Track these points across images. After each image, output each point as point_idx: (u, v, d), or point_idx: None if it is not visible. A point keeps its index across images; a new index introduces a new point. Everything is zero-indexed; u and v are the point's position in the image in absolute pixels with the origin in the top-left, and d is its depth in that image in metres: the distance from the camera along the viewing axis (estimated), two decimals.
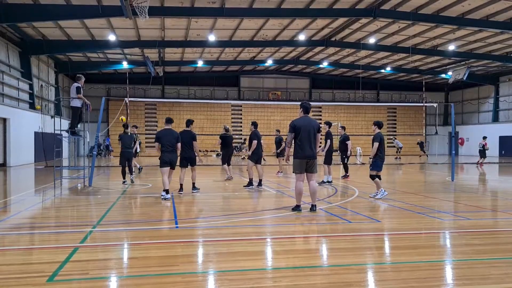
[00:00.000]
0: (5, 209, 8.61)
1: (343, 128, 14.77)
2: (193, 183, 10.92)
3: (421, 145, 32.15)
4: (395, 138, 33.94)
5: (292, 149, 8.12)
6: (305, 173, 7.99)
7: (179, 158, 10.41)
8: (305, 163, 7.88)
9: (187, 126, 10.96)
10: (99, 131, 13.09)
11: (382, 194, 9.70)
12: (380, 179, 9.91)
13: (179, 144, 9.99)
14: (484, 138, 25.04)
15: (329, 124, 13.19)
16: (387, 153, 11.74)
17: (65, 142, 26.00)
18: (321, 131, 8.24)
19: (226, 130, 14.24)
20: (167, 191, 9.52)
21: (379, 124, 10.06)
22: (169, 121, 10.23)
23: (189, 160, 10.72)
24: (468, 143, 40.99)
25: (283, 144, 14.61)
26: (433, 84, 43.39)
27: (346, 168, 14.78)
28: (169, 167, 9.79)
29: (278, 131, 17.88)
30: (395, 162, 26.85)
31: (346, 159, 14.55)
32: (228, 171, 14.08)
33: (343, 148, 14.38)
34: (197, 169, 11.22)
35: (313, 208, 7.92)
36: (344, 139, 14.35)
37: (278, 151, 17.37)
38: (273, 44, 28.65)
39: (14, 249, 5.42)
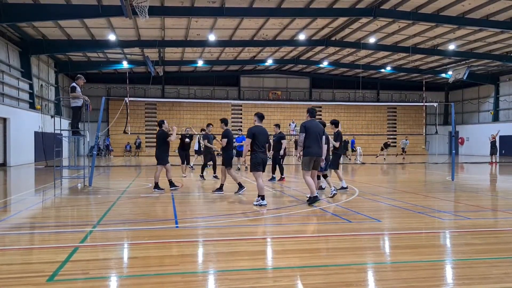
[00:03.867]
0: (5, 209, 8.61)
1: (278, 126, 14.20)
2: (156, 183, 11.17)
3: (385, 145, 30.28)
4: (406, 139, 32.46)
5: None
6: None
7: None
8: (313, 161, 8.72)
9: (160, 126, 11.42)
10: (99, 131, 13.08)
11: (332, 192, 9.91)
12: (326, 177, 10.41)
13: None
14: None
15: (335, 123, 11.52)
16: (389, 152, 11.72)
17: (65, 142, 25.99)
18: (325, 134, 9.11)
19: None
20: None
21: (335, 123, 10.99)
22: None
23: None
24: (468, 143, 40.99)
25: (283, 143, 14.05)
26: (433, 84, 43.39)
27: (275, 170, 14.21)
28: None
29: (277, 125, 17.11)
30: (395, 162, 26.83)
31: (281, 159, 14.07)
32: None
33: (278, 148, 13.79)
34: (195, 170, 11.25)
35: (316, 199, 8.61)
36: (280, 138, 13.84)
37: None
38: (273, 43, 28.65)
39: (14, 248, 5.42)
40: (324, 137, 9.17)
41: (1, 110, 21.57)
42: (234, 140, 17.13)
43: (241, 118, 40.05)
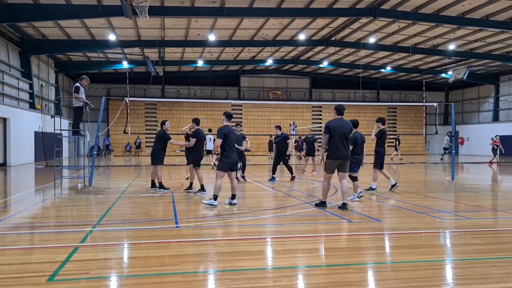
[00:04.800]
0: (5, 209, 8.61)
1: (278, 127, 14.32)
2: (159, 182, 11.15)
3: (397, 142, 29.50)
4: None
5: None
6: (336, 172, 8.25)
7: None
8: (337, 164, 8.09)
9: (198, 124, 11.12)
10: (99, 131, 13.08)
11: (352, 199, 9.22)
12: (354, 180, 9.55)
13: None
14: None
15: (381, 120, 11.05)
16: (389, 152, 11.53)
17: (65, 142, 25.99)
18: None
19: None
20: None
21: (353, 124, 9.68)
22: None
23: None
24: (468, 143, 40.99)
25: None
26: (433, 84, 43.40)
27: (274, 170, 14.29)
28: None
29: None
30: (394, 162, 26.83)
31: (288, 159, 14.16)
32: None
33: (284, 148, 13.91)
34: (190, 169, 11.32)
35: (344, 206, 7.97)
36: (285, 139, 13.92)
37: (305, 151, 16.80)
38: (273, 43, 28.66)
39: (14, 248, 5.42)
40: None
41: (1, 110, 21.57)
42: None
43: (241, 118, 40.06)
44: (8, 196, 10.98)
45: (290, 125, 35.88)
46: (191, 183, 11.19)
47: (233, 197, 8.75)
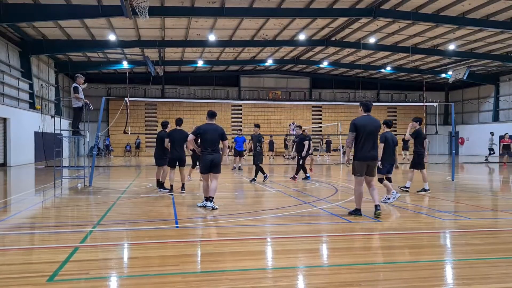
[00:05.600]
0: (5, 209, 8.61)
1: (300, 127, 14.53)
2: (183, 184, 10.85)
3: (327, 144, 28.26)
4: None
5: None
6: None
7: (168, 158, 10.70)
8: (366, 166, 7.40)
9: (179, 125, 10.76)
10: (99, 131, 13.08)
11: (394, 197, 9.02)
12: (390, 181, 9.43)
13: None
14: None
15: (418, 120, 10.95)
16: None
17: (65, 142, 26.00)
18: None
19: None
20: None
21: (386, 124, 9.57)
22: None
23: (179, 160, 10.56)
24: (468, 143, 40.98)
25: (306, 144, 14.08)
26: (433, 84, 43.39)
27: (304, 169, 14.32)
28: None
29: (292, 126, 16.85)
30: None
31: (303, 160, 14.18)
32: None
33: (301, 148, 13.99)
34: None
35: (377, 208, 7.36)
36: (302, 140, 13.97)
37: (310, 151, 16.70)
38: (273, 43, 28.65)
39: (14, 248, 5.42)
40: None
41: (1, 110, 21.57)
42: (234, 141, 16.89)
43: (241, 118, 40.06)
44: (8, 196, 10.98)
45: (289, 125, 35.90)
46: (183, 184, 10.92)
47: (207, 199, 8.20)
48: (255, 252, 5.28)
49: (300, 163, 14.15)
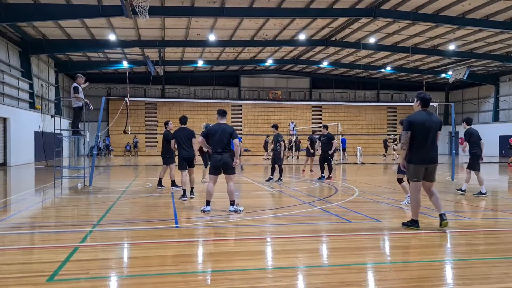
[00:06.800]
0: (5, 209, 8.61)
1: (325, 127, 14.82)
2: (191, 187, 9.95)
3: (311, 144, 27.55)
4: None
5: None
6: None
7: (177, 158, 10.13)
8: (423, 169, 6.37)
9: (184, 123, 10.05)
10: (99, 131, 13.08)
11: (408, 201, 8.50)
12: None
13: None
14: None
15: (467, 121, 10.52)
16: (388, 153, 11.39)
17: (65, 141, 26.00)
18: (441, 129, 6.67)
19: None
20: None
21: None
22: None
23: (187, 160, 9.81)
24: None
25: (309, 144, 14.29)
26: (433, 84, 43.39)
27: (329, 168, 14.51)
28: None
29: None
30: (394, 162, 26.81)
31: (331, 159, 14.53)
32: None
33: (328, 148, 14.26)
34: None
35: (443, 217, 6.38)
36: (329, 139, 14.30)
37: (312, 151, 16.81)
38: (273, 43, 28.65)
39: (14, 248, 5.42)
40: (439, 133, 6.69)
41: (1, 110, 21.58)
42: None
43: (241, 118, 40.08)
44: (8, 196, 10.97)
45: (289, 124, 35.91)
46: (180, 186, 10.52)
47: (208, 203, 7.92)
48: (255, 252, 5.28)
49: (331, 162, 14.56)
